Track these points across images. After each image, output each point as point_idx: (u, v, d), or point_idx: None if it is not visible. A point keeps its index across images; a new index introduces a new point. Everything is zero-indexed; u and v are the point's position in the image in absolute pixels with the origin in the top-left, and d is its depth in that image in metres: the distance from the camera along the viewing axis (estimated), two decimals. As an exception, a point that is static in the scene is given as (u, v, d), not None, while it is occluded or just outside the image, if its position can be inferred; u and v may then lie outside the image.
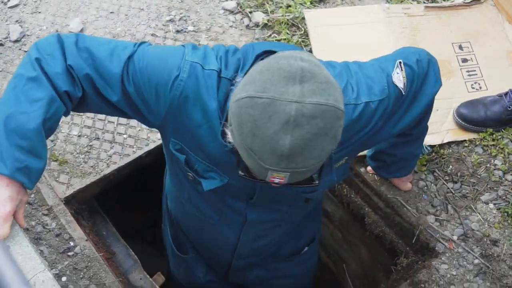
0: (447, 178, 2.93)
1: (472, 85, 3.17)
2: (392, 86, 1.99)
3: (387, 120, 2.04)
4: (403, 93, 2.03)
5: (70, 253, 2.71)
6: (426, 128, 2.47)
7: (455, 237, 2.80)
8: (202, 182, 2.05)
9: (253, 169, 1.64)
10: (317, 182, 1.79)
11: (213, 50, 1.92)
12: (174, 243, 2.92)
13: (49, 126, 1.86)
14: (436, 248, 2.79)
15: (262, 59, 1.78)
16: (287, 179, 1.58)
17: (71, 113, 2.52)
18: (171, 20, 3.50)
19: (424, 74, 2.16)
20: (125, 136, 3.07)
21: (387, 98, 1.96)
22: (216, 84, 1.85)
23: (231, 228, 2.37)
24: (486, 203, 2.86)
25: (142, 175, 3.24)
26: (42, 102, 1.80)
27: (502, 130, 3.04)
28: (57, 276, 2.60)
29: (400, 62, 2.05)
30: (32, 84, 1.82)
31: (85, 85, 1.88)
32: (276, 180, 1.59)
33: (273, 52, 1.79)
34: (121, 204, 3.85)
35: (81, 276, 2.66)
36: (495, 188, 2.89)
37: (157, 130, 2.75)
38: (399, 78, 2.01)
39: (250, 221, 2.28)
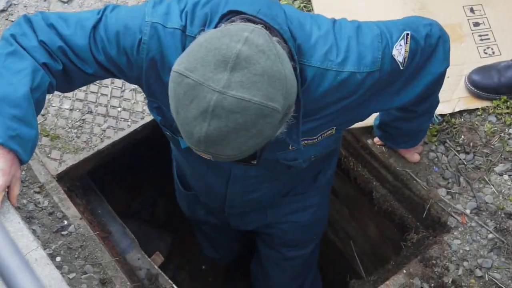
0: (459, 149, 2.83)
1: (484, 50, 3.05)
2: (388, 58, 1.86)
3: (376, 93, 1.93)
4: (401, 68, 1.91)
5: (64, 232, 2.63)
6: (436, 103, 2.37)
7: (467, 211, 2.71)
8: (180, 141, 2.02)
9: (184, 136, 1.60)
10: (254, 162, 1.77)
11: (178, 4, 1.83)
12: (178, 178, 2.92)
13: (36, 98, 1.86)
14: (448, 222, 2.71)
15: (228, 19, 1.70)
16: (213, 158, 1.56)
17: None
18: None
19: (431, 51, 2.05)
20: (119, 109, 2.99)
21: (378, 71, 1.84)
22: (181, 43, 1.77)
23: (218, 181, 2.35)
24: (500, 174, 2.77)
25: (138, 150, 3.17)
26: (25, 71, 1.83)
27: (517, 97, 2.93)
28: (51, 256, 2.53)
29: (407, 34, 1.93)
30: (12, 58, 1.85)
31: (61, 58, 1.90)
32: (201, 154, 1.56)
33: (240, 13, 1.70)
34: (117, 182, 3.79)
35: (76, 256, 2.58)
36: (509, 159, 2.79)
37: None
38: (400, 51, 1.89)
39: (234, 176, 2.27)
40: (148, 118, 2.97)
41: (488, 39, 3.08)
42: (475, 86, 2.89)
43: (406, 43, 1.91)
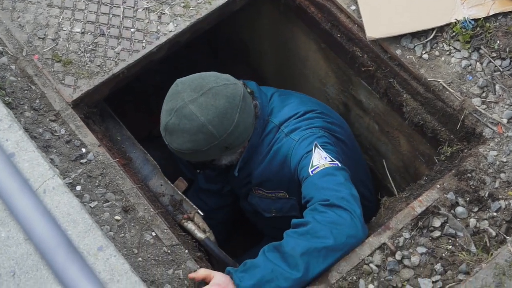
0: (494, 55, 2.76)
1: None
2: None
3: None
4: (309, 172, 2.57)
5: (82, 161, 2.64)
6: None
7: (504, 120, 2.66)
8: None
9: None
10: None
11: None
12: None
13: None
14: (484, 133, 2.67)
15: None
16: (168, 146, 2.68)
17: (76, 6, 2.99)
18: None
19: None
20: (132, 30, 2.96)
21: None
22: None
23: None
24: (539, 79, 2.70)
25: (155, 73, 3.13)
26: None
27: (556, -4, 2.81)
28: (71, 185, 2.54)
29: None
30: None
31: None
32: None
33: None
34: (137, 106, 3.76)
35: (96, 184, 2.60)
36: (548, 63, 2.71)
37: (167, 22, 2.98)
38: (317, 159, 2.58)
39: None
40: (164, 38, 2.94)
41: None
42: (511, -13, 2.79)
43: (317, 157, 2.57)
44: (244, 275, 2.27)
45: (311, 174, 2.49)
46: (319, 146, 2.57)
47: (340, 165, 2.51)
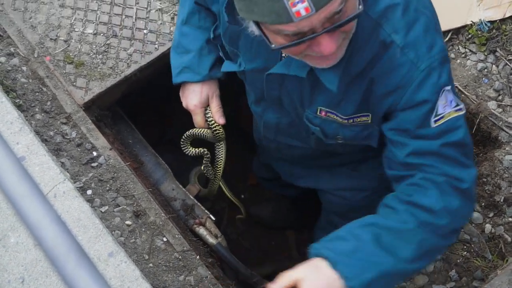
0: (511, 58, 2.76)
1: None
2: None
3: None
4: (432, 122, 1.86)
5: (93, 164, 2.65)
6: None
7: (521, 124, 2.64)
8: (224, 63, 2.29)
9: (269, 12, 1.50)
10: (360, 7, 1.59)
11: None
12: None
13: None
14: (499, 137, 2.67)
15: None
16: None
17: (88, 7, 2.93)
18: None
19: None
20: (145, 31, 2.96)
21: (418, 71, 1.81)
22: None
23: (259, 126, 2.53)
24: (556, 83, 2.70)
25: (168, 74, 3.14)
26: None
27: None
28: (82, 190, 2.55)
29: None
30: None
31: None
32: (299, 6, 1.46)
33: None
34: (149, 110, 3.76)
35: (107, 188, 2.61)
36: None
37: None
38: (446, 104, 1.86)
39: (267, 123, 2.39)
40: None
41: None
42: (528, -12, 2.79)
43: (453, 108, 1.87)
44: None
45: (433, 125, 1.85)
46: (447, 89, 1.86)
47: (464, 110, 1.92)
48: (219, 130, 2.48)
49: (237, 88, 2.62)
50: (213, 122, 2.43)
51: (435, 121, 1.84)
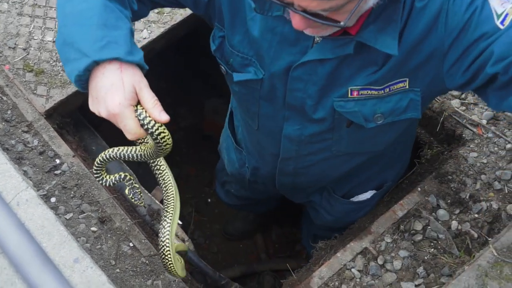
0: (472, 56, 2.76)
1: None
2: None
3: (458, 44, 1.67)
4: (497, 23, 1.60)
5: (57, 172, 2.63)
6: None
7: (484, 121, 2.68)
8: (233, 75, 1.97)
9: None
10: (342, 23, 1.49)
11: None
12: (231, 133, 2.75)
13: None
14: (463, 135, 2.69)
15: None
16: None
17: (47, 14, 2.81)
18: None
19: None
20: (106, 37, 2.90)
21: None
22: None
23: (270, 139, 2.25)
24: (517, 80, 2.70)
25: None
26: None
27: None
28: (45, 197, 2.53)
29: None
30: None
31: None
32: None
33: None
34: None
35: (71, 195, 2.58)
36: (526, 63, 2.72)
37: (140, 28, 2.67)
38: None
39: (286, 136, 2.14)
40: (139, 44, 2.90)
41: None
42: None
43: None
44: None
45: (501, 26, 1.57)
46: None
47: None
48: (163, 132, 1.59)
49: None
50: (152, 123, 1.55)
51: (502, 22, 1.58)
